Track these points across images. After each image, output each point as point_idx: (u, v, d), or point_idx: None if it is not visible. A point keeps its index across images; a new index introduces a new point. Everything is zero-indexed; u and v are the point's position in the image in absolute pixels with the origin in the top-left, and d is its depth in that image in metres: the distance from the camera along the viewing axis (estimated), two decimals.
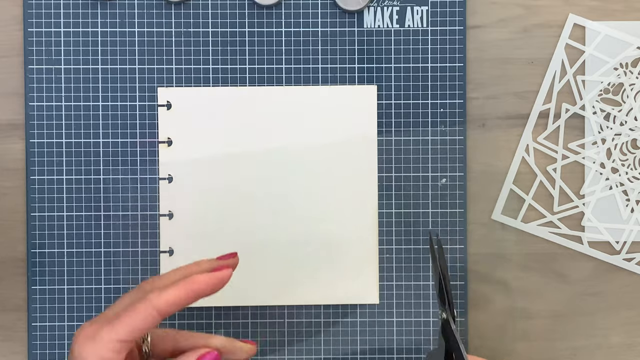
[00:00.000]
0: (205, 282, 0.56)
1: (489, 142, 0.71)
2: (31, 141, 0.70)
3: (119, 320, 0.55)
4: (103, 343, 0.54)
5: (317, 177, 0.70)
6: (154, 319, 0.55)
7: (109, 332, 0.54)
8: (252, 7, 0.71)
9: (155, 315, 0.55)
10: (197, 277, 0.56)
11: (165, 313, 0.55)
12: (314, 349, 0.71)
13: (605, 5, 0.71)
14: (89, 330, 0.55)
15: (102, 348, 0.54)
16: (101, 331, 0.54)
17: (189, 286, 0.56)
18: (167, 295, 0.55)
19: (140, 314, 0.54)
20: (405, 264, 0.71)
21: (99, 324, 0.55)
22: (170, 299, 0.55)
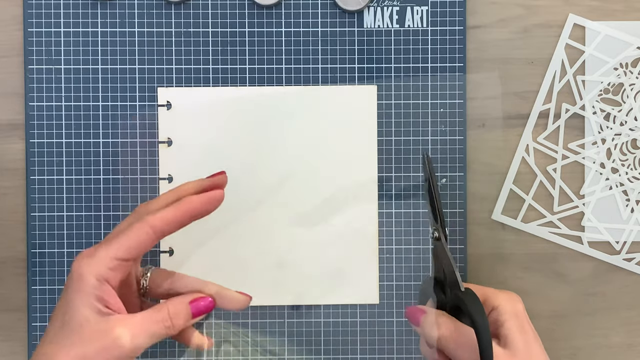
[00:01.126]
0: (199, 202, 0.59)
1: (489, 142, 0.71)
2: (31, 141, 0.70)
3: (115, 239, 0.57)
4: (100, 259, 0.56)
5: (317, 177, 0.70)
6: (149, 237, 0.57)
7: (106, 249, 0.56)
8: (252, 7, 0.71)
9: (150, 233, 0.57)
10: (191, 198, 0.59)
11: (161, 231, 0.57)
12: (314, 349, 0.71)
13: (605, 5, 0.71)
14: (88, 250, 0.57)
15: (98, 264, 0.55)
16: (99, 249, 0.56)
17: (184, 206, 0.58)
18: (163, 214, 0.57)
19: (135, 232, 0.56)
20: (405, 264, 0.71)
21: (97, 245, 0.57)
22: (166, 218, 0.57)
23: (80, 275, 0.55)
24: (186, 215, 0.58)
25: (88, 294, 0.55)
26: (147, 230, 0.57)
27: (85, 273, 0.55)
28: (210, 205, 0.59)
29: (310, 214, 0.70)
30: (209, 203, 0.59)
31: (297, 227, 0.70)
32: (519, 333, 0.59)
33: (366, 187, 0.70)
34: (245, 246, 0.70)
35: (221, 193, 0.60)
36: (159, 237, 0.57)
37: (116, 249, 0.56)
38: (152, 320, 0.57)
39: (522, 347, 0.58)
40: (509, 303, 0.60)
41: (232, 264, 0.70)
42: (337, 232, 0.70)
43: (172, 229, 0.58)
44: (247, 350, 0.70)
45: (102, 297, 0.55)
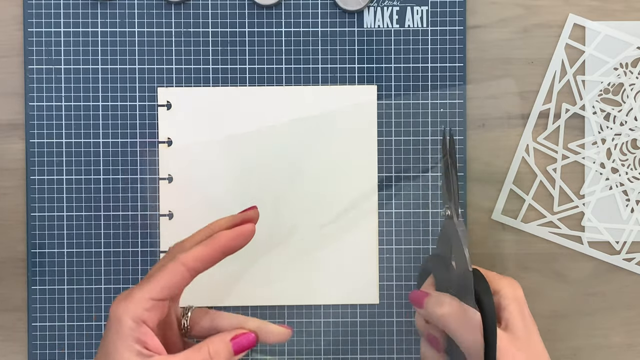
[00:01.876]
0: (230, 238, 0.59)
1: (489, 142, 0.71)
2: (31, 141, 0.70)
3: (149, 281, 0.57)
4: (135, 301, 0.56)
5: (317, 177, 0.70)
6: (182, 276, 0.57)
7: (140, 290, 0.56)
8: (252, 7, 0.71)
9: (183, 272, 0.57)
10: (222, 234, 0.59)
11: (194, 269, 0.57)
12: (314, 349, 0.71)
13: (605, 5, 0.71)
14: (124, 293, 0.57)
15: (134, 306, 0.56)
16: (134, 291, 0.56)
17: (215, 243, 0.58)
18: (195, 252, 0.57)
19: (169, 272, 0.56)
20: (405, 264, 0.71)
21: (133, 287, 0.57)
22: (198, 256, 0.57)
23: (118, 319, 0.55)
24: (218, 252, 0.58)
25: (126, 336, 0.55)
26: (180, 269, 0.57)
27: (122, 315, 0.55)
28: (242, 240, 0.59)
29: (310, 214, 0.70)
30: (240, 238, 0.59)
31: (297, 227, 0.70)
32: (519, 318, 0.60)
33: (366, 187, 0.70)
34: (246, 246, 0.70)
35: (252, 227, 0.60)
36: (192, 275, 0.57)
37: (151, 289, 0.56)
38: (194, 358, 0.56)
39: (522, 331, 0.60)
40: (510, 288, 0.61)
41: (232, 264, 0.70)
42: (337, 232, 0.70)
43: (205, 265, 0.58)
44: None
45: (140, 339, 0.55)
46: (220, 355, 0.57)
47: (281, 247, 0.70)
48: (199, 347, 0.57)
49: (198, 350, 0.57)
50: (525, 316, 0.61)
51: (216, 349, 0.57)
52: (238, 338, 0.59)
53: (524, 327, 0.60)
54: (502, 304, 0.61)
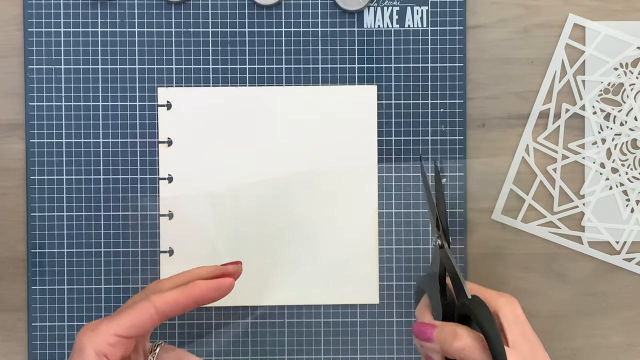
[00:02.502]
0: (206, 288, 0.58)
1: (489, 142, 0.71)
2: (31, 141, 0.70)
3: (119, 316, 0.57)
4: (101, 335, 0.56)
5: (317, 177, 0.70)
6: (151, 317, 0.57)
7: (107, 324, 0.56)
8: (252, 7, 0.71)
9: (153, 314, 0.57)
10: (198, 283, 0.58)
11: (163, 313, 0.57)
12: (314, 349, 0.71)
13: (605, 5, 0.71)
14: (92, 323, 0.57)
15: (99, 339, 0.56)
16: (101, 324, 0.57)
17: (190, 290, 0.58)
18: (167, 297, 0.57)
19: (139, 311, 0.57)
20: (405, 264, 0.71)
21: (102, 319, 0.58)
22: (169, 300, 0.57)
23: (81, 348, 0.56)
24: (190, 300, 0.58)
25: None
26: (150, 310, 0.57)
27: (85, 346, 0.56)
28: (217, 293, 0.59)
29: (310, 214, 0.70)
30: (216, 290, 0.59)
31: (297, 227, 0.70)
32: (522, 338, 0.59)
33: (366, 187, 0.70)
34: (245, 246, 0.70)
35: (230, 282, 0.60)
36: (161, 318, 0.57)
37: (117, 325, 0.56)
38: None
39: (528, 350, 0.59)
40: (509, 308, 0.60)
41: None
42: (337, 232, 0.70)
43: (175, 311, 0.58)
44: (247, 351, 0.70)
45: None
46: None
47: (281, 247, 0.70)
48: None
49: None
50: (528, 335, 0.60)
51: None
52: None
53: (528, 346, 0.59)
54: (503, 325, 0.60)
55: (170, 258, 0.70)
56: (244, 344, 0.71)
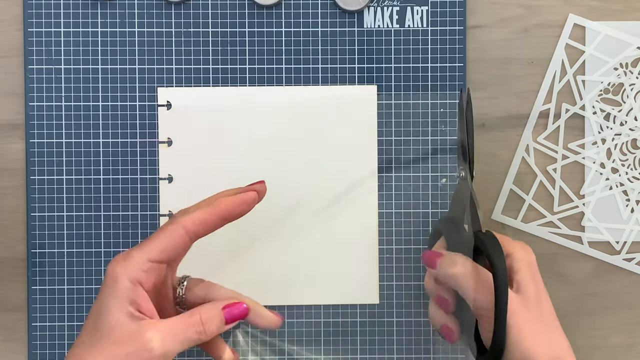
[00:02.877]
0: (232, 203, 0.59)
1: (489, 142, 0.71)
2: (31, 141, 0.70)
3: (148, 242, 0.57)
4: (133, 262, 0.56)
5: (317, 177, 0.70)
6: (182, 238, 0.57)
7: (139, 251, 0.56)
8: (252, 7, 0.71)
9: (183, 234, 0.57)
10: (223, 199, 0.59)
11: (193, 233, 0.57)
12: (314, 349, 0.71)
13: (605, 5, 0.71)
14: (121, 254, 0.57)
15: (132, 266, 0.55)
16: (132, 252, 0.56)
17: (216, 207, 0.58)
18: (194, 216, 0.57)
19: (168, 234, 0.57)
20: (405, 264, 0.71)
21: (131, 249, 0.57)
22: (197, 219, 0.57)
23: (114, 278, 0.55)
24: (218, 216, 0.58)
25: (121, 296, 0.55)
26: (179, 231, 0.57)
27: (118, 275, 0.55)
28: (243, 207, 0.59)
29: (310, 214, 0.70)
30: (242, 204, 0.59)
31: (297, 226, 0.70)
32: (531, 281, 0.60)
33: (366, 187, 0.70)
34: (246, 246, 0.70)
35: (254, 195, 0.60)
36: (192, 238, 0.57)
37: (149, 251, 0.56)
38: (184, 325, 0.56)
39: (534, 294, 0.59)
40: (523, 252, 0.61)
41: (231, 264, 0.70)
42: (337, 232, 0.70)
43: (205, 229, 0.58)
44: (247, 351, 0.70)
45: (135, 300, 0.55)
46: (212, 322, 0.57)
47: (281, 247, 0.70)
48: (190, 313, 0.57)
49: (190, 316, 0.57)
50: (537, 280, 0.60)
51: (208, 316, 0.57)
52: (230, 307, 0.58)
53: (535, 290, 0.60)
54: (514, 267, 0.60)
55: None
56: (244, 344, 0.71)
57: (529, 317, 0.59)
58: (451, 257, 0.61)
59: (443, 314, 0.64)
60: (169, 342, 0.55)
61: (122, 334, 0.54)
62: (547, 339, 0.59)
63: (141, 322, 0.55)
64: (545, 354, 0.57)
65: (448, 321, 0.63)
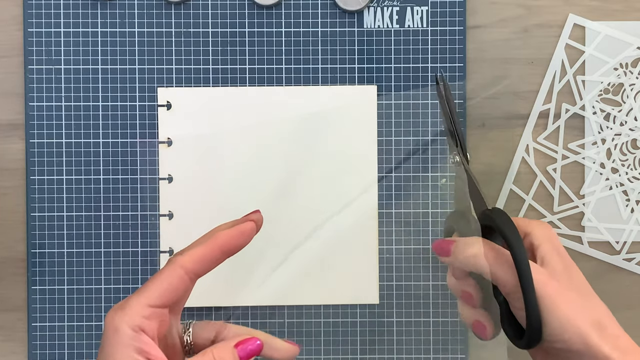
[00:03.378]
0: (230, 236, 0.56)
1: (489, 142, 0.71)
2: (31, 141, 0.70)
3: (146, 287, 0.53)
4: (133, 309, 0.52)
5: (317, 177, 0.70)
6: (181, 279, 0.54)
7: (137, 298, 0.53)
8: (252, 7, 0.71)
9: (182, 275, 0.53)
10: (220, 233, 0.55)
11: (192, 272, 0.54)
12: (314, 349, 0.71)
13: (605, 5, 0.71)
14: (119, 303, 0.53)
15: (132, 314, 0.52)
16: (130, 299, 0.53)
17: (213, 242, 0.55)
18: (192, 254, 0.54)
19: (167, 276, 0.53)
20: (405, 264, 0.71)
21: (129, 297, 0.54)
22: (195, 257, 0.54)
23: (115, 328, 0.52)
24: (217, 252, 0.55)
25: (127, 346, 0.51)
26: (178, 272, 0.53)
27: (119, 324, 0.52)
28: (242, 239, 0.56)
29: (310, 214, 0.70)
30: (240, 237, 0.56)
31: (297, 227, 0.70)
32: (555, 253, 0.57)
33: (366, 187, 0.70)
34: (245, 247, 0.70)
35: (252, 225, 0.57)
36: (192, 278, 0.54)
37: (149, 296, 0.53)
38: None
39: (561, 266, 0.57)
40: (541, 228, 0.59)
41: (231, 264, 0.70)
42: (337, 232, 0.70)
43: (205, 267, 0.55)
44: None
45: (143, 349, 0.52)
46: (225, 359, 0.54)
47: (281, 247, 0.70)
48: (202, 353, 0.54)
49: (202, 355, 0.54)
50: (562, 253, 0.58)
51: (220, 355, 0.54)
52: (243, 344, 0.55)
53: (561, 262, 0.57)
54: (534, 244, 0.58)
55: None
56: None
57: (560, 287, 0.56)
58: (465, 240, 0.59)
59: (471, 309, 0.60)
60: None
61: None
62: (584, 306, 0.56)
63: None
64: (585, 320, 0.55)
65: (478, 316, 0.60)
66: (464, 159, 0.61)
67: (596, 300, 0.58)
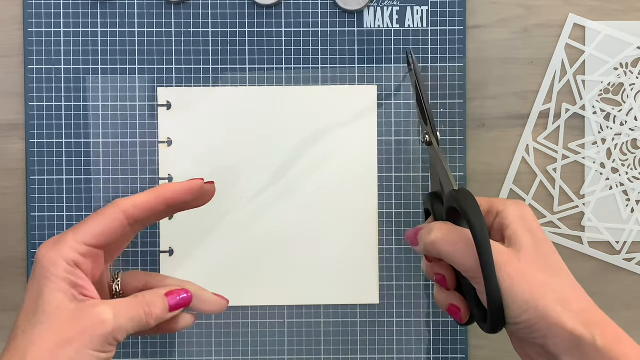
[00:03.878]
0: (175, 190, 0.55)
1: (489, 142, 0.71)
2: (31, 141, 0.70)
3: (84, 224, 0.52)
4: (68, 244, 0.51)
5: (317, 177, 0.70)
6: (119, 222, 0.53)
7: (73, 234, 0.52)
8: (252, 7, 0.71)
9: (121, 218, 0.53)
10: (166, 185, 0.55)
11: (133, 218, 0.53)
12: (314, 349, 0.71)
13: (605, 5, 0.71)
14: (54, 237, 0.53)
15: (67, 249, 0.51)
16: (66, 235, 0.52)
17: (158, 191, 0.54)
18: (135, 199, 0.53)
19: (105, 217, 0.52)
20: (405, 264, 0.71)
21: (64, 232, 0.53)
22: (138, 202, 0.53)
23: (51, 261, 0.50)
24: (160, 202, 0.54)
25: (62, 279, 0.50)
26: (117, 214, 0.52)
27: (55, 258, 0.50)
28: (188, 195, 0.55)
29: (310, 214, 0.70)
30: (185, 191, 0.55)
31: (298, 226, 0.70)
32: (525, 233, 0.54)
33: (366, 187, 0.70)
34: (246, 246, 0.70)
35: (200, 182, 0.56)
36: (130, 223, 0.53)
37: (85, 233, 0.52)
38: (132, 304, 0.52)
39: (529, 244, 0.54)
40: (515, 207, 0.56)
41: (232, 264, 0.70)
42: (337, 232, 0.70)
43: (147, 214, 0.54)
44: (247, 351, 0.70)
45: (77, 283, 0.51)
46: (156, 305, 0.54)
47: (281, 246, 0.70)
48: (134, 295, 0.54)
49: (134, 297, 0.53)
50: (534, 231, 0.54)
51: (151, 299, 0.54)
52: (174, 294, 0.55)
53: (530, 240, 0.54)
54: (504, 223, 0.55)
55: (170, 258, 0.70)
56: (244, 344, 0.71)
57: (522, 267, 0.53)
58: (428, 227, 0.57)
59: (445, 293, 0.58)
60: (120, 317, 0.51)
61: (69, 313, 0.50)
62: (549, 283, 0.53)
63: (89, 301, 0.51)
64: (548, 299, 0.52)
65: (452, 299, 0.58)
66: (434, 138, 0.60)
67: (565, 275, 0.54)
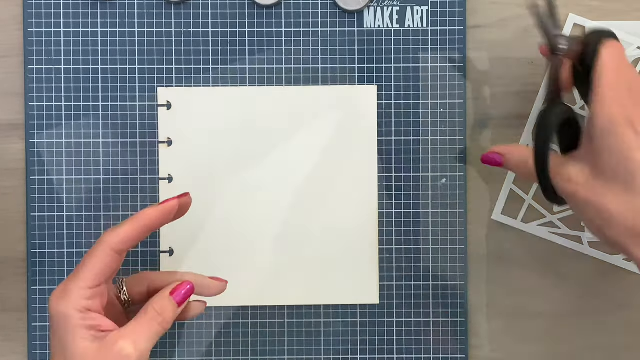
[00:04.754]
0: (153, 214, 0.60)
1: (489, 142, 0.71)
2: (31, 141, 0.70)
3: (81, 270, 0.58)
4: (74, 294, 0.57)
5: (317, 177, 0.70)
6: (112, 258, 0.58)
7: (75, 283, 0.57)
8: (252, 7, 0.71)
9: (112, 254, 0.58)
10: (144, 212, 0.60)
11: (121, 250, 0.58)
12: (314, 349, 0.71)
13: (605, 5, 0.71)
14: (58, 290, 0.58)
15: (75, 299, 0.57)
16: (69, 285, 0.57)
17: (138, 221, 0.59)
18: (119, 232, 0.58)
19: (98, 257, 0.58)
20: (405, 264, 0.71)
21: (66, 281, 0.58)
22: (122, 235, 0.58)
23: (64, 315, 0.56)
24: (142, 230, 0.59)
25: (78, 327, 0.56)
26: (108, 251, 0.58)
27: (67, 311, 0.57)
28: (166, 216, 0.61)
29: (310, 214, 0.70)
30: (163, 214, 0.60)
31: (297, 226, 0.70)
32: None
33: (366, 187, 0.70)
34: (245, 246, 0.70)
35: (174, 202, 0.61)
36: (121, 255, 0.59)
37: (85, 278, 0.57)
38: (145, 322, 0.58)
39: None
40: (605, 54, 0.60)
41: (232, 264, 0.70)
42: (337, 232, 0.70)
43: (131, 244, 0.59)
44: (247, 351, 0.70)
45: (93, 325, 0.57)
46: (167, 309, 0.59)
47: (281, 247, 0.70)
48: (144, 310, 0.59)
49: (145, 312, 0.59)
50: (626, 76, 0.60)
51: (160, 306, 0.59)
52: (177, 290, 0.60)
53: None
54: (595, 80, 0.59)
55: (171, 258, 0.70)
56: (244, 344, 0.71)
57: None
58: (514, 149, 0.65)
59: None
60: (140, 343, 0.57)
61: (95, 352, 0.56)
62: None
63: (107, 338, 0.57)
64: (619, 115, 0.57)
65: None
66: None
67: None
